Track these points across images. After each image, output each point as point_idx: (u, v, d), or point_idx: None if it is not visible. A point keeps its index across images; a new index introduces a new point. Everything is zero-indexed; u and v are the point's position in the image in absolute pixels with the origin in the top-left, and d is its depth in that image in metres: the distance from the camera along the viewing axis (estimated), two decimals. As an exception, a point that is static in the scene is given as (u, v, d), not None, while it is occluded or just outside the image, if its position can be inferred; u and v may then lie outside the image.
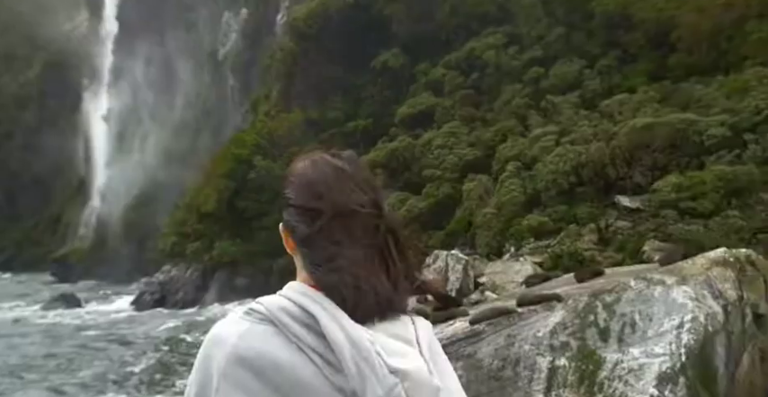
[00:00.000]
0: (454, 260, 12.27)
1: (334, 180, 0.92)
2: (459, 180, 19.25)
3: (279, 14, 39.19)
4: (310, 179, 0.94)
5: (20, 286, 49.29)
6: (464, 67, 24.92)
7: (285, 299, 0.87)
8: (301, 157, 1.00)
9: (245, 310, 0.89)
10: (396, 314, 0.90)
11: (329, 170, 0.94)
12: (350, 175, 0.94)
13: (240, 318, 0.88)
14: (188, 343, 17.90)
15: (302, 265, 0.93)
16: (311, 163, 0.97)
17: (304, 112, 28.67)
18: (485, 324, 6.63)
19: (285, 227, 0.96)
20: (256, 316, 0.87)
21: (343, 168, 0.94)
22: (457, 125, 22.12)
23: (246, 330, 0.85)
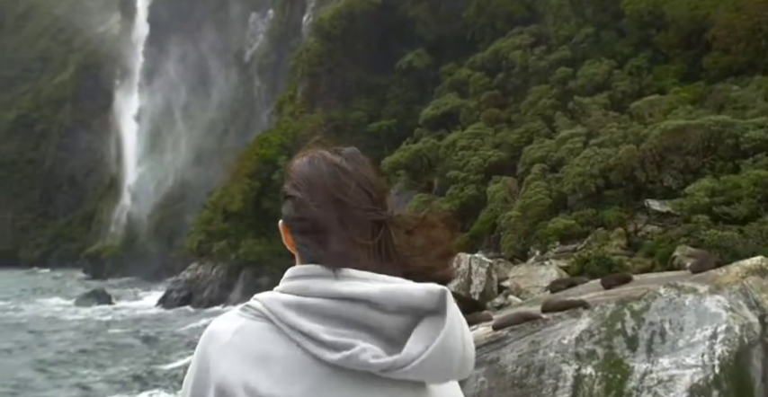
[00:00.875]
0: (477, 264, 12.13)
1: (330, 177, 0.91)
2: (483, 182, 19.05)
3: (305, 15, 39.52)
4: (307, 176, 0.93)
5: (54, 282, 50.87)
6: (489, 68, 24.68)
7: (281, 294, 0.87)
8: (301, 154, 0.99)
9: (241, 306, 0.89)
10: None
11: (326, 167, 0.93)
12: (348, 172, 0.92)
13: (237, 314, 0.88)
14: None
15: (299, 262, 0.93)
16: (309, 160, 0.95)
17: (328, 113, 28.83)
18: (508, 330, 6.51)
19: (284, 224, 0.95)
20: (252, 312, 0.87)
21: (341, 165, 0.93)
22: (481, 126, 21.91)
23: (242, 326, 0.86)
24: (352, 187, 0.90)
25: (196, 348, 0.89)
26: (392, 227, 0.91)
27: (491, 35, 26.18)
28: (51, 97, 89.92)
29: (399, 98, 29.35)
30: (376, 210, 0.90)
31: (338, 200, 0.89)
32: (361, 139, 28.11)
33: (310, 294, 0.84)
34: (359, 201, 0.89)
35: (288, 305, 0.84)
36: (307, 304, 0.83)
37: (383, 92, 29.86)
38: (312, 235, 0.90)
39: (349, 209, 0.88)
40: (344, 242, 0.87)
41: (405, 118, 27.56)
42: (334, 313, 0.82)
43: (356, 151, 0.98)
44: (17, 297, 36.01)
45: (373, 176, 0.95)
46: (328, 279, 0.85)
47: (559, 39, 22.70)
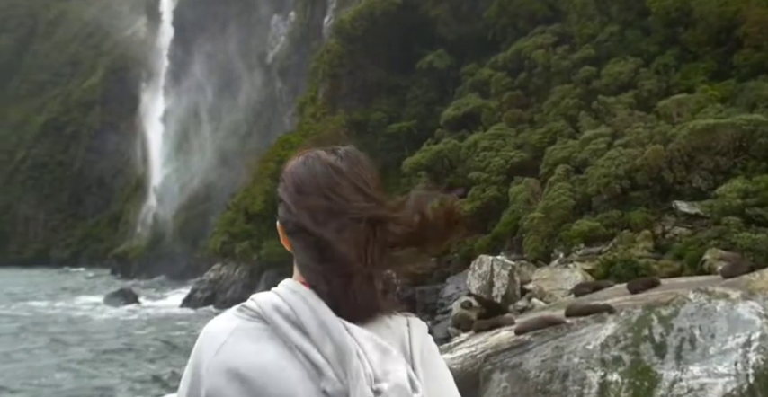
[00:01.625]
0: (500, 266, 11.97)
1: (323, 176, 0.91)
2: (505, 183, 18.83)
3: (326, 17, 39.71)
4: (299, 175, 0.93)
5: (83, 281, 52.12)
6: (511, 68, 24.41)
7: (277, 296, 0.87)
8: (297, 154, 0.98)
9: (238, 307, 0.89)
10: (386, 315, 0.89)
11: (320, 166, 0.92)
12: (342, 171, 0.91)
13: (233, 315, 0.88)
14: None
15: (295, 262, 0.93)
16: (303, 160, 0.95)
17: (349, 114, 28.89)
18: (531, 334, 6.39)
19: (280, 224, 0.95)
20: (248, 313, 0.87)
21: (334, 164, 0.92)
22: (503, 127, 21.68)
23: (237, 327, 0.86)
24: (344, 185, 0.89)
25: (193, 348, 0.90)
26: (391, 225, 0.89)
27: (513, 35, 25.89)
28: (80, 100, 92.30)
29: (420, 99, 29.24)
30: (369, 208, 0.88)
31: (329, 199, 0.88)
32: (382, 140, 28.10)
33: (296, 312, 0.84)
34: (351, 199, 0.88)
35: (279, 312, 0.85)
36: (293, 320, 0.84)
37: (404, 93, 29.80)
38: (301, 237, 0.89)
39: (341, 207, 0.87)
40: (335, 242, 0.85)
41: (426, 118, 27.45)
42: (320, 340, 0.82)
43: (352, 149, 0.97)
44: (49, 296, 36.99)
45: (368, 174, 0.94)
46: (310, 306, 0.84)
47: (583, 38, 22.32)
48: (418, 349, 0.88)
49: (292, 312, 0.84)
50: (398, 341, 0.88)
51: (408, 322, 0.92)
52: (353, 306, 0.85)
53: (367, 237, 0.86)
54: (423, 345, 0.90)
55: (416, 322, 0.93)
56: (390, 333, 0.88)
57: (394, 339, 0.88)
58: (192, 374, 0.88)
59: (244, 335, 0.85)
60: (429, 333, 0.95)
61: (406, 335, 0.89)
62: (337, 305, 0.85)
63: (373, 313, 0.87)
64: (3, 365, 15.27)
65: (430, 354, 0.91)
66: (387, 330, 0.88)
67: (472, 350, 6.61)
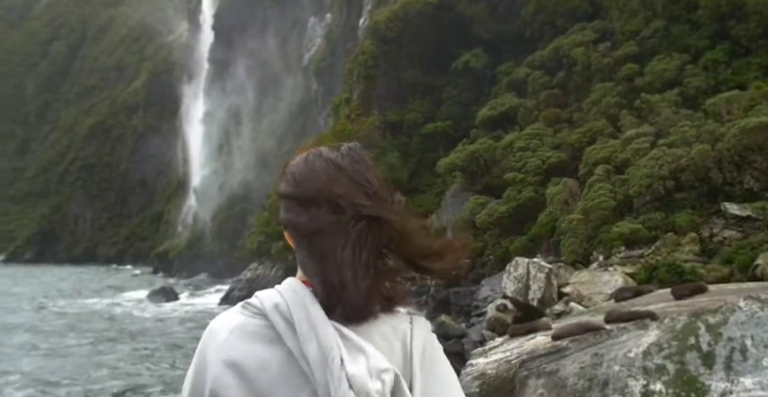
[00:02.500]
0: (536, 269, 11.67)
1: (323, 173, 0.90)
2: (542, 184, 18.42)
3: (361, 18, 39.89)
4: (299, 173, 0.92)
5: (127, 279, 54.06)
6: (549, 66, 23.89)
7: (278, 294, 0.88)
8: (299, 151, 0.98)
9: (242, 303, 0.90)
10: (387, 314, 0.88)
11: (320, 163, 0.91)
12: (342, 168, 0.90)
13: (237, 312, 0.89)
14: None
15: (297, 259, 0.93)
16: (305, 157, 0.94)
17: (383, 115, 28.89)
18: (569, 340, 6.18)
19: (282, 223, 0.95)
20: (251, 310, 0.88)
21: (335, 161, 0.91)
22: (540, 126, 21.22)
23: (239, 324, 0.87)
24: (344, 182, 0.88)
25: (198, 344, 0.91)
26: (394, 225, 0.88)
27: (551, 33, 25.34)
28: (126, 103, 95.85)
29: (455, 99, 28.98)
30: (368, 206, 0.87)
31: (328, 196, 0.87)
32: (417, 141, 27.98)
33: (291, 310, 0.85)
34: (351, 196, 0.87)
35: (278, 310, 0.85)
36: (288, 319, 0.84)
37: (439, 93, 29.61)
38: (300, 234, 0.89)
39: (340, 204, 0.86)
40: (333, 240, 0.85)
41: (461, 119, 27.18)
42: (307, 341, 0.82)
43: (355, 146, 0.96)
44: (96, 293, 38.51)
45: (371, 172, 0.92)
46: (304, 305, 0.85)
47: (625, 35, 21.60)
48: (419, 348, 0.87)
49: (288, 311, 0.84)
50: (399, 340, 0.87)
51: (411, 321, 0.91)
52: (347, 306, 0.84)
53: (365, 236, 0.85)
54: (425, 344, 0.89)
55: (419, 321, 0.92)
56: (391, 332, 0.87)
57: (395, 338, 0.87)
58: (196, 369, 0.89)
59: (245, 332, 0.86)
60: (462, 336, 0.93)
61: (408, 334, 0.88)
62: (331, 305, 0.84)
63: (368, 313, 0.86)
64: (48, 360, 15.85)
65: (432, 353, 0.90)
66: (387, 329, 0.87)
67: (507, 355, 6.45)
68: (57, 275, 57.78)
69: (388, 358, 0.84)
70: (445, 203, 22.99)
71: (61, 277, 53.67)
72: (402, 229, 0.89)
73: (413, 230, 0.91)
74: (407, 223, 0.91)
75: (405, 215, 0.91)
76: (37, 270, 66.46)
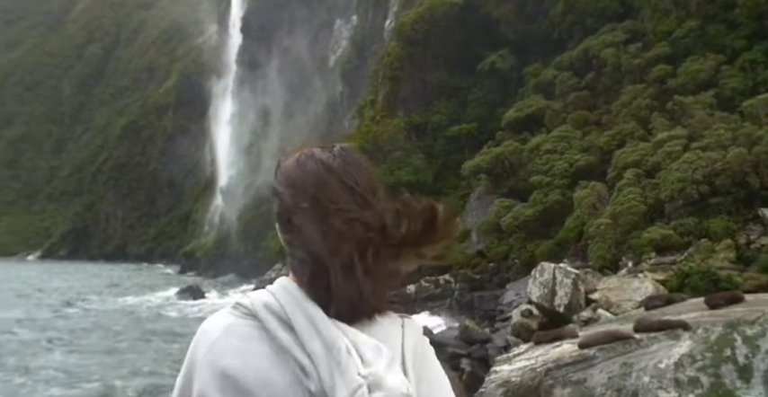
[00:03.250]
0: (562, 274, 11.43)
1: (312, 174, 0.89)
2: (569, 187, 18.09)
3: (387, 20, 39.93)
4: (290, 174, 0.91)
5: (156, 277, 55.18)
6: (578, 68, 23.46)
7: (269, 294, 0.87)
8: (295, 151, 0.97)
9: (233, 304, 0.90)
10: (378, 315, 0.87)
11: (311, 164, 0.90)
12: (332, 169, 0.89)
13: (227, 312, 0.89)
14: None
15: (288, 258, 0.93)
16: (297, 158, 0.93)
17: (408, 117, 28.83)
18: (596, 349, 6.01)
19: (275, 217, 0.96)
20: (241, 310, 0.87)
21: (326, 162, 0.90)
22: (568, 129, 20.85)
23: (230, 324, 0.86)
24: (333, 184, 0.88)
25: (190, 345, 0.91)
26: (374, 226, 0.87)
27: (580, 33, 24.90)
28: (156, 104, 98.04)
29: (481, 100, 28.73)
30: (355, 210, 0.86)
31: (316, 197, 0.87)
32: (442, 143, 27.84)
33: (285, 309, 0.84)
34: (338, 199, 0.86)
35: (269, 310, 0.85)
36: (282, 318, 0.84)
37: (464, 95, 29.39)
38: (290, 233, 0.89)
39: (327, 206, 0.86)
40: (322, 241, 0.85)
41: (486, 120, 26.92)
42: (307, 336, 0.82)
43: (347, 148, 0.95)
44: (126, 290, 39.39)
45: (362, 174, 0.91)
46: (298, 303, 0.84)
47: (657, 35, 21.07)
48: (410, 351, 0.87)
49: (282, 309, 0.84)
50: (391, 342, 0.86)
51: (403, 323, 0.90)
52: (338, 306, 0.84)
53: (352, 237, 0.85)
54: (415, 346, 0.88)
55: (411, 323, 0.92)
56: (381, 333, 0.86)
57: (387, 340, 0.86)
58: (186, 371, 0.89)
59: (235, 333, 0.85)
60: (487, 341, 0.89)
61: (399, 336, 0.88)
62: (323, 304, 0.84)
63: (360, 313, 0.85)
64: (72, 356, 15.97)
65: (423, 356, 0.89)
66: (378, 329, 0.86)
67: (532, 363, 6.31)
68: (89, 271, 59.43)
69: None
70: (470, 206, 22.79)
71: (93, 274, 55.16)
72: (392, 230, 0.89)
73: (394, 227, 0.89)
74: (394, 225, 0.89)
75: (395, 217, 0.89)
76: (71, 267, 68.48)
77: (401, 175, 25.58)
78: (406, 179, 25.54)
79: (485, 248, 20.06)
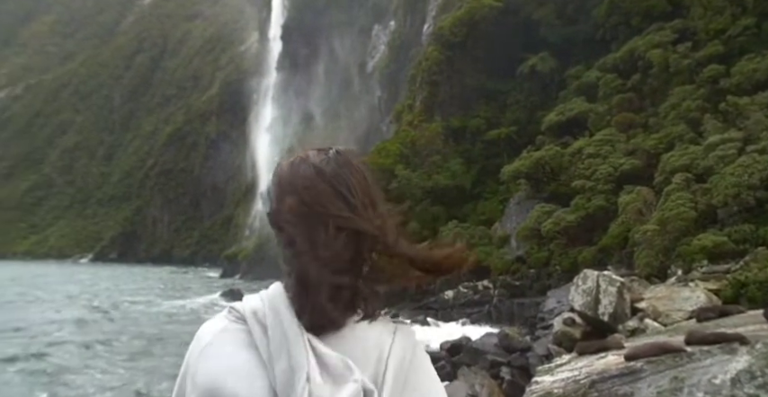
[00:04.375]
0: (606, 282, 11.01)
1: (303, 178, 0.87)
2: (613, 192, 17.50)
3: (425, 25, 39.90)
4: (284, 174, 0.90)
5: (199, 280, 56.66)
6: (622, 69, 22.76)
7: (260, 301, 0.87)
8: (290, 154, 0.95)
9: (228, 308, 0.89)
10: (367, 322, 0.84)
11: (304, 168, 0.88)
12: (324, 174, 0.86)
13: (222, 316, 0.88)
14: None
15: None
16: (292, 161, 0.91)
17: (446, 121, 28.65)
18: (644, 362, 5.73)
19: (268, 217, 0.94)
20: (235, 315, 0.87)
21: (318, 166, 0.88)
22: (612, 132, 20.22)
23: (222, 329, 0.86)
24: (322, 188, 0.85)
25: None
26: (364, 233, 0.84)
27: (625, 33, 24.15)
28: (200, 112, 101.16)
29: (521, 104, 28.26)
30: (346, 217, 0.83)
31: (304, 201, 0.85)
32: (480, 147, 27.51)
33: (266, 318, 0.83)
34: (327, 204, 0.84)
35: (256, 317, 0.84)
36: (264, 326, 0.83)
37: (504, 99, 28.98)
38: (283, 241, 0.88)
39: (316, 211, 0.84)
40: (310, 248, 0.83)
41: (526, 124, 26.45)
42: (277, 354, 0.81)
43: (344, 152, 0.92)
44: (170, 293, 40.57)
45: (355, 179, 0.87)
46: (278, 313, 0.83)
47: (709, 34, 20.20)
48: (397, 360, 0.83)
49: (264, 318, 0.83)
50: (377, 351, 0.83)
51: (395, 330, 0.87)
52: (317, 314, 0.82)
53: (337, 243, 0.83)
54: (404, 355, 0.85)
55: (403, 331, 0.88)
56: (369, 343, 0.84)
57: (372, 348, 0.83)
58: (181, 377, 0.89)
59: (226, 338, 0.85)
60: (527, 350, 0.82)
61: (388, 345, 0.84)
62: (302, 312, 0.82)
63: (340, 322, 0.83)
64: (109, 359, 16.06)
65: (412, 365, 0.86)
66: (365, 338, 0.84)
67: (576, 374, 6.08)
68: (137, 274, 61.63)
69: (361, 368, 0.80)
70: (509, 211, 22.39)
71: (142, 277, 57.15)
72: (386, 239, 0.86)
73: (400, 242, 0.87)
74: (389, 233, 0.87)
75: (387, 226, 0.87)
76: (119, 269, 71.19)
77: (439, 180, 25.40)
78: (443, 183, 25.33)
79: (524, 254, 19.64)
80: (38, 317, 23.88)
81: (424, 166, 26.34)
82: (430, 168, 26.21)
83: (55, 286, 41.51)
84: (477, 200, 25.71)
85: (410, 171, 25.66)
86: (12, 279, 47.71)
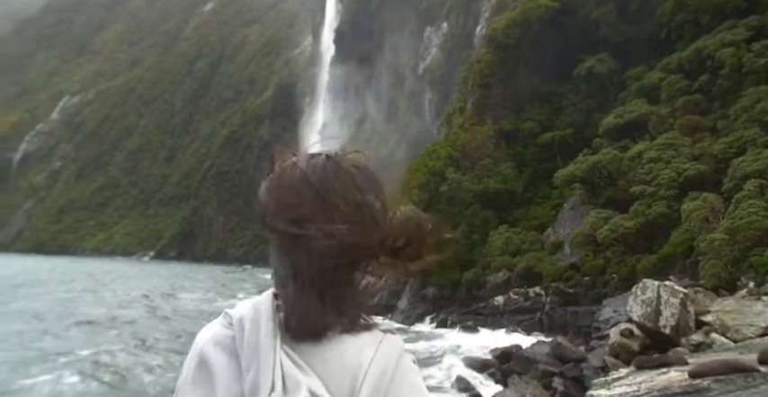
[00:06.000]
0: (668, 293, 10.44)
1: (288, 185, 0.85)
2: (676, 199, 16.63)
3: (478, 26, 39.45)
4: (275, 180, 0.88)
5: (249, 279, 58.25)
6: (688, 70, 21.62)
7: (249, 306, 0.86)
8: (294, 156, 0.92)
9: (223, 313, 0.88)
10: (351, 333, 0.82)
11: (290, 175, 0.86)
12: (311, 181, 0.83)
13: (217, 321, 0.88)
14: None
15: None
16: (284, 167, 0.89)
17: (498, 124, 28.16)
18: (711, 380, 5.38)
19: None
20: (227, 320, 0.86)
21: (305, 172, 0.84)
22: (676, 135, 19.23)
23: (214, 334, 0.86)
24: (306, 195, 0.82)
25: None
26: (347, 247, 0.81)
27: (692, 32, 22.95)
28: (254, 115, 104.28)
29: (577, 106, 27.39)
30: (329, 226, 0.80)
31: (288, 208, 0.83)
32: (533, 151, 26.86)
33: (249, 327, 0.83)
34: (309, 213, 0.81)
35: (241, 325, 0.83)
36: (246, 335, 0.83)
37: (558, 101, 28.18)
38: (271, 249, 0.88)
39: (296, 219, 0.82)
40: (290, 257, 0.82)
41: (582, 127, 25.60)
42: (246, 366, 0.80)
43: (337, 157, 0.87)
44: (225, 289, 41.91)
45: (343, 187, 0.83)
46: (258, 323, 0.82)
47: (786, 31, 18.90)
48: (377, 372, 0.80)
49: (246, 324, 0.83)
50: (355, 362, 0.80)
51: (381, 341, 0.84)
52: (299, 324, 0.81)
53: (317, 252, 0.80)
54: (384, 368, 0.81)
55: (388, 341, 0.84)
56: (349, 354, 0.81)
57: (352, 360, 0.80)
58: (179, 383, 0.90)
59: (216, 344, 0.84)
60: (581, 361, 0.77)
61: (369, 357, 0.81)
62: (286, 320, 0.81)
63: (322, 333, 0.81)
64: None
65: (395, 378, 0.81)
66: (345, 350, 0.81)
67: (635, 389, 5.78)
68: (195, 271, 64.13)
69: (337, 383, 0.78)
70: (562, 216, 21.72)
71: (200, 275, 59.38)
72: (372, 248, 0.84)
73: (367, 246, 0.84)
74: (377, 241, 0.84)
75: (374, 234, 0.83)
76: (178, 267, 74.26)
77: (489, 184, 24.99)
78: (494, 187, 24.90)
79: (578, 261, 18.99)
80: (102, 312, 25.23)
81: (475, 170, 25.98)
82: (480, 171, 25.82)
83: (124, 282, 43.86)
84: (529, 205, 25.09)
85: (460, 174, 25.38)
86: (88, 274, 51.17)
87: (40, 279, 43.86)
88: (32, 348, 15.97)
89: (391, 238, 0.85)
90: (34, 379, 12.54)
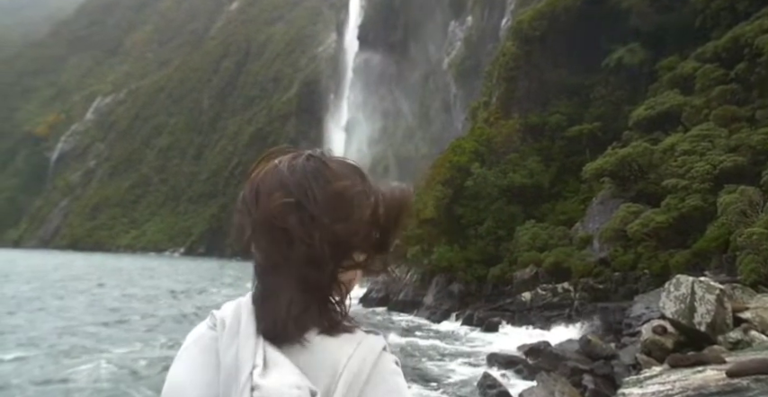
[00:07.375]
0: (704, 289, 10.11)
1: (264, 187, 0.83)
2: (711, 192, 16.08)
3: (503, 19, 38.89)
4: (255, 180, 0.86)
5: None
6: (725, 59, 20.84)
7: (232, 307, 0.84)
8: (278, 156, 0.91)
9: (210, 313, 0.87)
10: (330, 334, 0.80)
11: (271, 175, 0.85)
12: (285, 183, 0.82)
13: (204, 321, 0.87)
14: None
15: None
16: (266, 168, 0.87)
17: (524, 118, 27.73)
18: (751, 379, 5.17)
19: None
20: (212, 320, 0.85)
21: (281, 174, 0.83)
22: (711, 126, 18.58)
23: (200, 335, 0.85)
24: (276, 197, 0.80)
25: None
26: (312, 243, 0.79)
27: (729, 19, 22.11)
28: (280, 112, 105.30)
29: (605, 98, 26.74)
30: (304, 229, 0.78)
31: (264, 212, 0.81)
32: (560, 144, 26.37)
33: (231, 330, 0.82)
34: (279, 215, 0.79)
35: (223, 326, 0.82)
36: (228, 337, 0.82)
37: (586, 94, 27.56)
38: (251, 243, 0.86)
39: (268, 222, 0.80)
40: (265, 257, 0.82)
41: (611, 120, 24.98)
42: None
43: (315, 156, 0.86)
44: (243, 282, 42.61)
45: (322, 188, 0.82)
46: (238, 324, 0.80)
47: (830, 14, 18.04)
48: (352, 374, 0.77)
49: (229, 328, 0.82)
50: (331, 363, 0.78)
51: (359, 342, 0.81)
52: (274, 325, 0.79)
53: (286, 256, 0.80)
54: (360, 369, 0.78)
55: (368, 341, 0.81)
56: (323, 356, 0.79)
57: (327, 361, 0.78)
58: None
59: (199, 345, 0.84)
60: (612, 358, 0.73)
61: (345, 358, 0.78)
62: (260, 322, 0.80)
63: (298, 335, 0.79)
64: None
65: (371, 379, 0.78)
66: (320, 352, 0.79)
67: (668, 388, 5.60)
68: (226, 267, 65.39)
69: (314, 383, 0.76)
70: (591, 211, 21.27)
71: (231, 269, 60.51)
72: (348, 251, 0.83)
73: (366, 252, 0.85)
74: (353, 245, 0.83)
75: (352, 237, 0.82)
76: (208, 263, 75.76)
77: (515, 178, 24.64)
78: (520, 182, 24.55)
79: (608, 256, 18.58)
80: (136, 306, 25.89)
81: (501, 164, 25.64)
82: (506, 166, 25.47)
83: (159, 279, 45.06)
84: (557, 199, 24.66)
85: (486, 169, 25.08)
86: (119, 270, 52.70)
87: (74, 275, 45.47)
88: (68, 342, 16.50)
89: (376, 223, 0.85)
90: (73, 369, 13.00)
